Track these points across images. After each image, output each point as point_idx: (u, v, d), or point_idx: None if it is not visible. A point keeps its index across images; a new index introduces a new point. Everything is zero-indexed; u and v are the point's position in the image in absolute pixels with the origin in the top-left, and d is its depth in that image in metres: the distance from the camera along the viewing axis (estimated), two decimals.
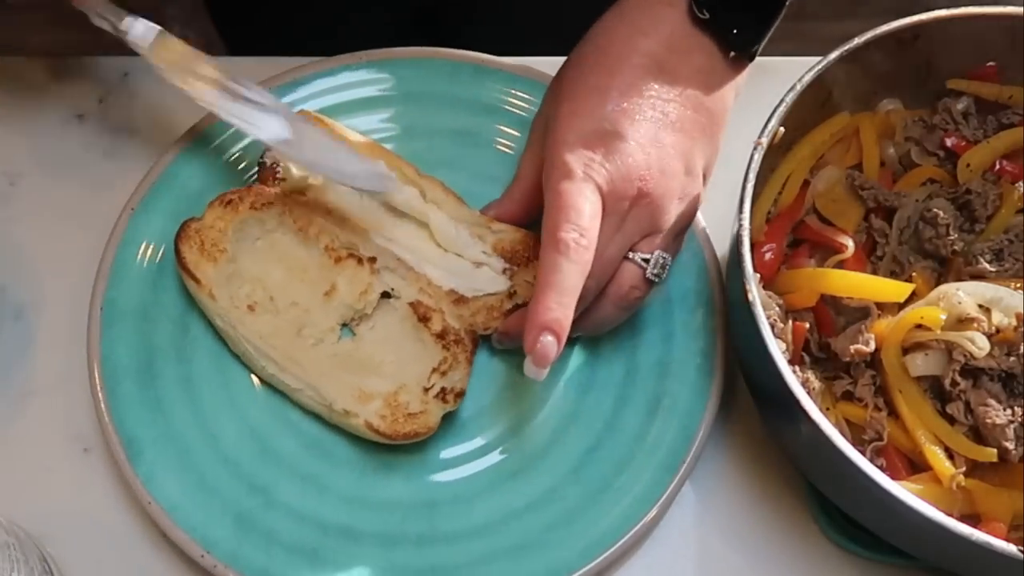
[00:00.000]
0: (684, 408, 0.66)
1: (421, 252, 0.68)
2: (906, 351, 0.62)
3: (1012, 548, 0.53)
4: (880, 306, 0.63)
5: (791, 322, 0.63)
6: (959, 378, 0.61)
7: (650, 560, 0.66)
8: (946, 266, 0.66)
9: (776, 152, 0.67)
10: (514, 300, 0.67)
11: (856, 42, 0.64)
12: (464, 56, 0.74)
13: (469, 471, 0.66)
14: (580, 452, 0.66)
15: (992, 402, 0.60)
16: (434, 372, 0.65)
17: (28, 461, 0.67)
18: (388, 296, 0.68)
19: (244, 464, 0.65)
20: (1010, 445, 0.60)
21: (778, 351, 0.57)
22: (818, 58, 0.63)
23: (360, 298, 0.67)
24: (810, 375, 0.62)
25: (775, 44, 0.65)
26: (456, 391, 0.65)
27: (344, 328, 0.68)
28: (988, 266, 0.64)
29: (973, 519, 0.60)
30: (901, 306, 0.63)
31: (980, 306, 0.61)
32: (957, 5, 0.65)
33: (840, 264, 0.65)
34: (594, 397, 0.67)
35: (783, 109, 0.62)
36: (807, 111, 0.66)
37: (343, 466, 0.66)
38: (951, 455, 0.60)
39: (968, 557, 0.56)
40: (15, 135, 0.75)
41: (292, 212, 0.68)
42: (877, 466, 0.57)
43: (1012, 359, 0.61)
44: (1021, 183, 0.66)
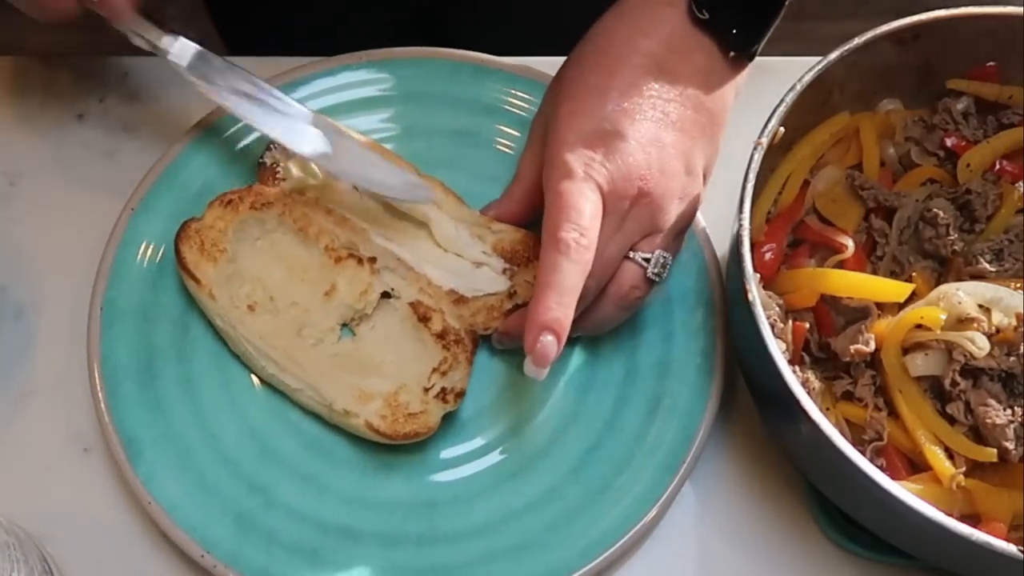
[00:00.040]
0: (684, 408, 0.66)
1: (421, 252, 0.68)
2: (906, 351, 0.62)
3: (1012, 548, 0.53)
4: (880, 306, 0.63)
5: (791, 322, 0.63)
6: (959, 378, 0.61)
7: (650, 560, 0.66)
8: (946, 266, 0.66)
9: (776, 152, 0.67)
10: (514, 300, 0.67)
11: (856, 42, 0.64)
12: (464, 56, 0.74)
13: (469, 471, 0.66)
14: (580, 452, 0.66)
15: (992, 402, 0.60)
16: (434, 372, 0.65)
17: (28, 461, 0.67)
18: (388, 296, 0.68)
19: (244, 464, 0.65)
20: (1010, 445, 0.60)
21: (778, 351, 0.57)
22: (818, 58, 0.63)
23: (360, 298, 0.67)
24: (810, 375, 0.62)
25: (775, 44, 0.65)
26: (456, 391, 0.65)
27: (344, 328, 0.68)
28: (988, 266, 0.64)
29: (973, 519, 0.60)
30: (901, 306, 0.63)
31: (980, 306, 0.61)
32: (957, 5, 0.65)
33: (840, 264, 0.65)
34: (594, 397, 0.67)
35: (783, 109, 0.62)
36: (807, 111, 0.66)
37: (343, 466, 0.66)
38: (951, 455, 0.60)
39: (968, 557, 0.56)
40: (15, 135, 0.75)
41: (292, 212, 0.68)
42: (877, 466, 0.57)
43: (1012, 359, 0.61)
44: (1021, 183, 0.66)
